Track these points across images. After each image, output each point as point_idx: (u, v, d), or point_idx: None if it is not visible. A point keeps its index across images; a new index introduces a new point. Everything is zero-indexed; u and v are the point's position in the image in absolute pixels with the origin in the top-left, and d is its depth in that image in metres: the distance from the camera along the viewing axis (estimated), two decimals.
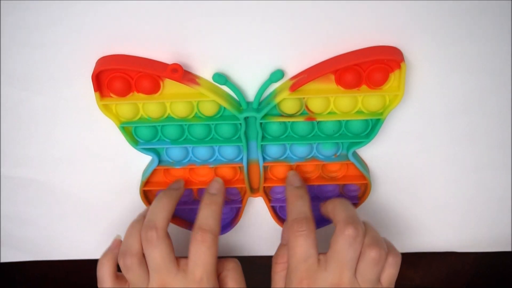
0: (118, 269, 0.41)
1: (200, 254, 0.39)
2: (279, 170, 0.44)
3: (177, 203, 0.42)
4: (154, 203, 0.41)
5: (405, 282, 0.59)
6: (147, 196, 0.46)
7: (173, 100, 0.39)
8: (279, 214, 0.47)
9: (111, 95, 0.38)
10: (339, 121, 0.40)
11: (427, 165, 0.45)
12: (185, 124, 0.41)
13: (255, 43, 0.37)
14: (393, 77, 0.38)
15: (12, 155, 0.44)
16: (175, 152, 0.43)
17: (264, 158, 0.43)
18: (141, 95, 0.39)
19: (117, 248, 0.42)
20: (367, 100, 0.39)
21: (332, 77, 0.38)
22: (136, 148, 0.42)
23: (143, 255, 0.40)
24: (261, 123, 0.40)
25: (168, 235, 0.40)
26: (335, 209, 0.40)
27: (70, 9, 0.36)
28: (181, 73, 0.36)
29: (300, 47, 0.37)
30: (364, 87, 0.38)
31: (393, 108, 0.39)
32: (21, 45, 0.38)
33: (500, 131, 0.43)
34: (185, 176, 0.44)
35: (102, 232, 0.48)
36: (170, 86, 0.38)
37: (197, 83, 0.38)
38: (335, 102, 0.39)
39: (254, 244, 0.51)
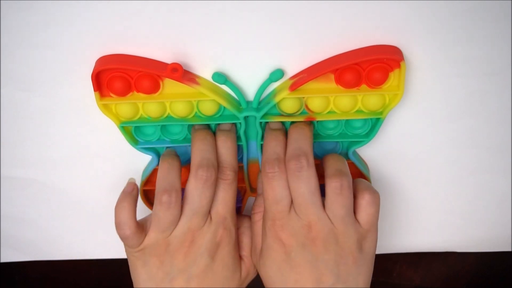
0: None
1: (222, 192, 0.39)
2: None
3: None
4: (196, 143, 0.39)
5: (405, 282, 0.59)
6: (147, 195, 0.46)
7: (173, 100, 0.39)
8: None
9: (111, 94, 0.38)
10: (339, 121, 0.40)
11: (427, 165, 0.45)
12: (185, 124, 0.41)
13: (254, 42, 0.37)
14: (393, 76, 0.38)
15: (12, 155, 0.44)
16: None
17: None
18: (141, 94, 0.39)
19: (134, 191, 0.40)
20: (366, 99, 0.39)
21: (332, 76, 0.38)
22: (136, 148, 0.42)
23: None
24: (261, 123, 0.40)
25: None
26: (287, 144, 0.39)
27: (70, 9, 0.36)
28: (181, 73, 0.36)
29: (299, 46, 0.37)
30: (363, 86, 0.38)
31: (392, 108, 0.39)
32: (20, 45, 0.38)
33: (500, 131, 0.43)
34: (184, 176, 0.44)
35: (102, 232, 0.48)
36: (170, 86, 0.38)
37: (197, 83, 0.38)
38: (334, 102, 0.39)
39: None
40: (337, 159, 0.39)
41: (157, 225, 0.39)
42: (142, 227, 0.39)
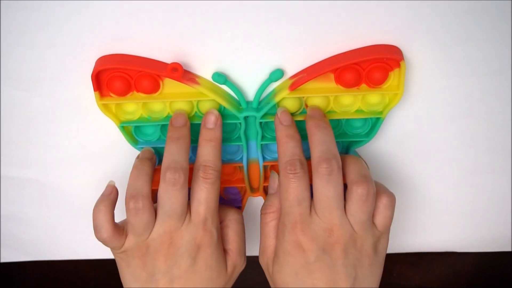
0: None
1: (204, 192, 0.38)
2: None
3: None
4: (168, 145, 0.38)
5: (405, 282, 0.59)
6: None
7: (173, 100, 0.39)
8: None
9: (111, 94, 0.38)
10: (339, 120, 0.40)
11: (427, 165, 0.45)
12: None
13: (254, 42, 0.37)
14: (393, 76, 0.38)
15: (12, 155, 0.44)
16: None
17: (264, 158, 0.43)
18: (140, 94, 0.39)
19: (112, 194, 0.40)
20: (366, 99, 0.39)
21: (332, 76, 0.38)
22: (136, 148, 0.42)
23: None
24: (260, 123, 0.40)
25: None
26: (312, 143, 0.38)
27: (69, 8, 0.36)
28: (181, 72, 0.36)
29: (299, 46, 0.37)
30: (363, 86, 0.38)
31: (392, 107, 0.39)
32: (21, 45, 0.38)
33: (500, 131, 0.43)
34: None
35: None
36: (170, 86, 0.38)
37: (197, 83, 0.38)
38: (334, 101, 0.39)
39: (254, 244, 0.51)
40: (360, 163, 0.39)
41: (132, 230, 0.39)
42: (121, 229, 0.39)
